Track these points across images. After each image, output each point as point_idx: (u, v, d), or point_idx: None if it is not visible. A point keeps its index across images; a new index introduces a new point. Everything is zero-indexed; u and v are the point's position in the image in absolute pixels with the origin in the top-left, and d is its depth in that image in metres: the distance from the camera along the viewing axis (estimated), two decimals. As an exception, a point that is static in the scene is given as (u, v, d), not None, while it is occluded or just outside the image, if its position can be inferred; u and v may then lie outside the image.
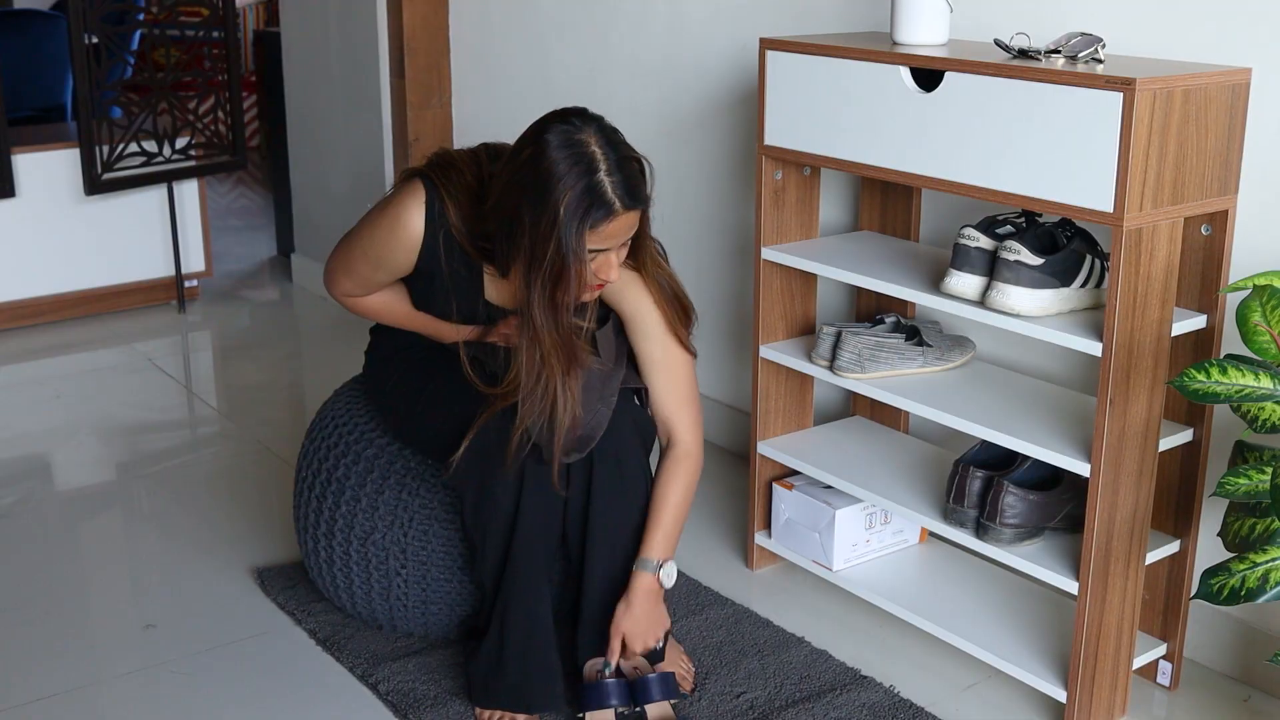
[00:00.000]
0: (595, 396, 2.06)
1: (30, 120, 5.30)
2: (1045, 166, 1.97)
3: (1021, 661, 2.20)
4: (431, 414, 2.20)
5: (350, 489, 2.33)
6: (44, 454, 3.34)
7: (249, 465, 3.20)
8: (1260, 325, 1.71)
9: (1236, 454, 1.90)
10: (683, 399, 2.20)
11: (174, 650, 2.39)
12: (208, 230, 4.61)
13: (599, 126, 1.94)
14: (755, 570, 2.68)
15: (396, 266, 2.14)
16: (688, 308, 2.17)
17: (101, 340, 4.17)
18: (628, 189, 1.91)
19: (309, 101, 4.53)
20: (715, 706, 2.19)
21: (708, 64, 3.11)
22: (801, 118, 2.36)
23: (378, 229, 2.12)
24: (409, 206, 2.07)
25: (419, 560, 2.28)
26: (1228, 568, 1.72)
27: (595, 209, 1.88)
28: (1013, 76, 1.99)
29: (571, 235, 1.87)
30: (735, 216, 3.14)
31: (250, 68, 7.00)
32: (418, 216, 2.07)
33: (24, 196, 4.15)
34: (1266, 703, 2.22)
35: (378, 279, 2.19)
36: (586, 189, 1.88)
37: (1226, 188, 2.03)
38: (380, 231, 2.12)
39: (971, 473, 2.21)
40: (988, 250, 2.14)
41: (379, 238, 2.12)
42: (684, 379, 2.20)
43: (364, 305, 2.26)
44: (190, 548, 2.77)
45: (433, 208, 2.06)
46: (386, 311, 2.26)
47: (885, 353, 2.36)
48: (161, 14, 4.36)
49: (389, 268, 2.15)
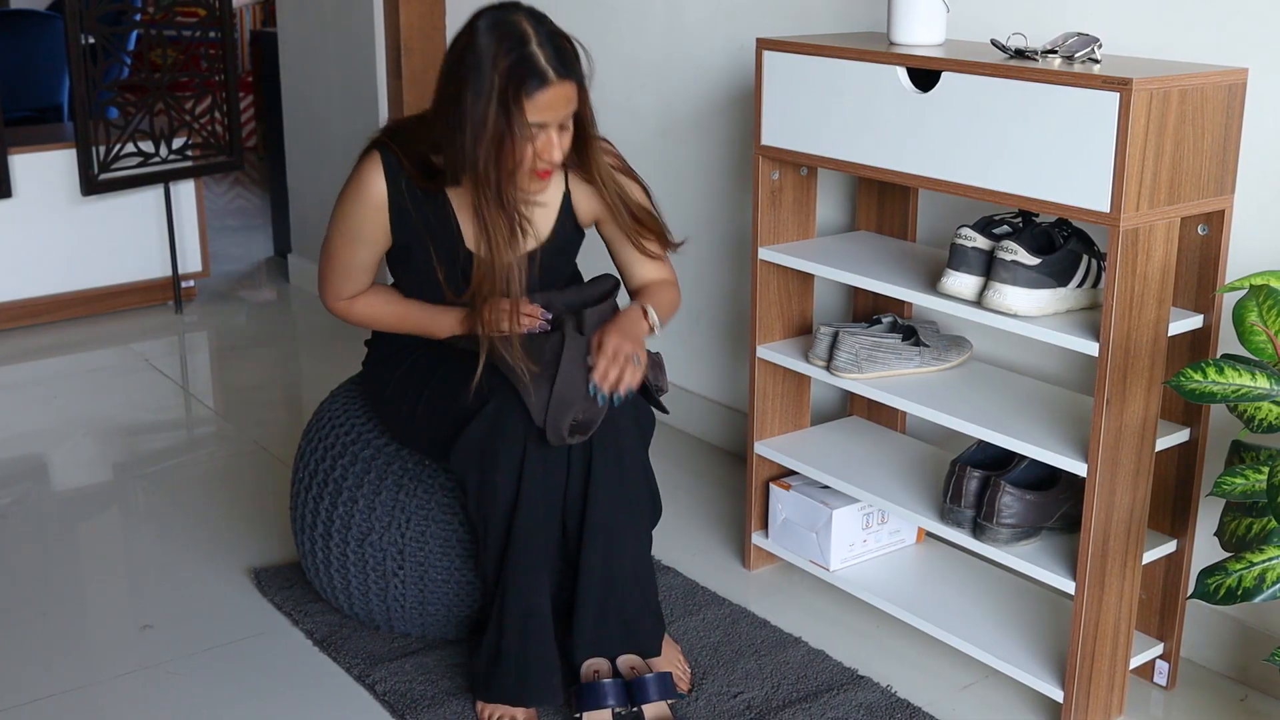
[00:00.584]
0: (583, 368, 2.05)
1: (27, 120, 5.30)
2: (1042, 166, 1.97)
3: (1018, 661, 2.20)
4: (430, 414, 2.21)
5: (348, 489, 2.33)
6: (40, 454, 3.34)
7: (246, 466, 3.20)
8: (1257, 325, 1.71)
9: (1233, 454, 1.90)
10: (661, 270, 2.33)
11: (171, 651, 2.38)
12: (204, 231, 4.61)
13: (528, 11, 2.05)
14: (752, 570, 2.68)
15: (373, 237, 2.19)
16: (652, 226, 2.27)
17: (98, 341, 4.17)
18: (560, 60, 2.01)
19: (306, 102, 4.53)
20: (712, 706, 2.19)
21: (705, 64, 3.12)
22: (798, 118, 2.36)
23: (345, 203, 2.20)
24: (366, 170, 2.16)
25: (416, 560, 2.28)
26: (1224, 567, 1.72)
27: (530, 78, 1.98)
28: (1009, 76, 1.99)
29: (509, 104, 1.97)
30: (732, 216, 3.14)
31: (247, 68, 7.00)
32: (377, 175, 2.15)
33: (21, 197, 4.15)
34: (1263, 702, 2.23)
35: (360, 259, 2.22)
36: (519, 60, 1.98)
37: (1223, 188, 2.03)
38: (347, 204, 2.19)
39: (968, 473, 2.21)
40: (984, 250, 2.14)
41: (348, 210, 2.19)
42: (662, 268, 2.33)
43: (359, 311, 2.28)
44: (187, 548, 2.77)
45: (389, 164, 2.15)
46: (380, 314, 2.27)
47: (882, 353, 2.36)
48: (158, 14, 4.36)
49: (366, 239, 2.19)
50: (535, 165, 2.05)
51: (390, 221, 2.18)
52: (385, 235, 2.20)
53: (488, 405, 2.07)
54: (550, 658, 2.14)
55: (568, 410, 2.02)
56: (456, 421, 2.12)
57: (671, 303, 2.32)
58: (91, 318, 4.37)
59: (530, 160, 2.04)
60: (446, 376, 2.20)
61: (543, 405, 2.02)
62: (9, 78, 5.32)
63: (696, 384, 3.35)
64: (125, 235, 4.39)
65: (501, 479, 2.07)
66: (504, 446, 2.05)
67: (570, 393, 2.02)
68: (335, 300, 2.28)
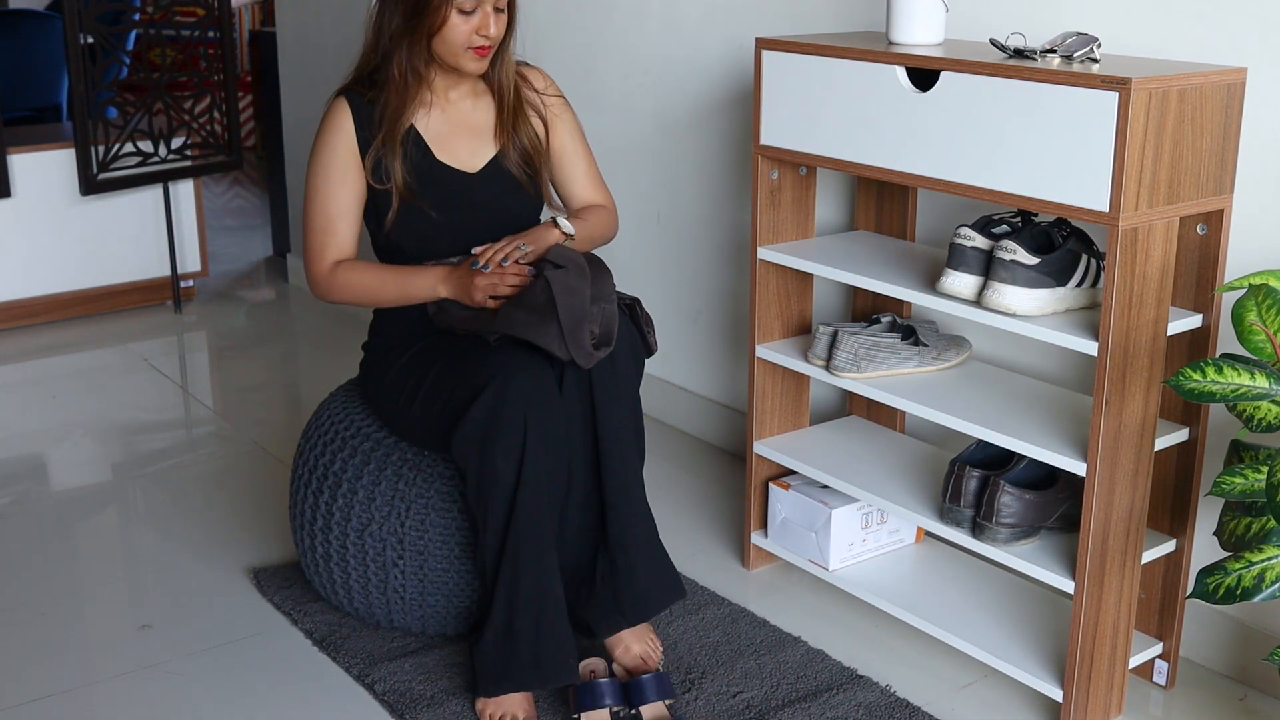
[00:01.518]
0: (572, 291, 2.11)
1: (26, 120, 5.30)
2: (1041, 166, 1.97)
3: (1017, 661, 2.20)
4: (427, 406, 2.22)
5: (347, 481, 2.33)
6: (39, 454, 3.33)
7: (245, 465, 3.20)
8: (1255, 324, 1.71)
9: (1232, 453, 1.90)
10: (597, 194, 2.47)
11: (169, 651, 2.38)
12: (203, 230, 4.61)
13: None
14: (751, 570, 2.68)
15: (347, 174, 2.29)
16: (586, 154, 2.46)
17: (97, 340, 4.17)
18: None
19: (305, 101, 4.53)
20: (711, 706, 2.19)
21: (703, 64, 3.12)
22: (797, 117, 2.36)
23: (316, 147, 2.32)
24: (333, 109, 2.32)
25: (416, 550, 2.28)
26: (1224, 567, 1.72)
27: None
28: (1008, 76, 1.99)
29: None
30: (731, 216, 3.14)
31: (246, 68, 7.00)
32: (342, 109, 2.31)
33: (20, 197, 4.15)
34: (1262, 701, 2.23)
35: (339, 203, 2.30)
36: None
37: (1222, 187, 2.03)
38: (319, 146, 2.31)
39: (968, 472, 2.21)
40: (983, 250, 2.14)
41: (320, 151, 2.31)
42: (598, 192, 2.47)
43: (341, 281, 2.31)
44: (186, 548, 2.77)
45: (351, 97, 2.31)
46: (361, 278, 2.31)
47: (881, 352, 2.36)
48: (157, 14, 4.36)
49: (341, 177, 2.29)
50: (472, 41, 2.21)
51: (362, 156, 2.28)
52: (358, 172, 2.29)
53: (485, 390, 2.09)
54: (566, 636, 2.14)
55: (581, 328, 2.08)
56: (455, 410, 2.14)
57: (599, 222, 2.43)
58: (91, 318, 4.37)
59: (468, 37, 2.21)
60: (442, 369, 2.21)
61: (558, 336, 2.08)
62: (8, 77, 5.33)
63: (696, 384, 3.35)
64: (124, 235, 4.39)
65: (502, 462, 2.08)
66: (504, 428, 2.07)
67: (575, 314, 2.08)
68: (319, 266, 2.31)
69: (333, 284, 2.31)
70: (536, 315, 2.09)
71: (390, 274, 2.30)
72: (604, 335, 2.11)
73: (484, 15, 2.21)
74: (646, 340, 2.25)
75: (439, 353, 2.26)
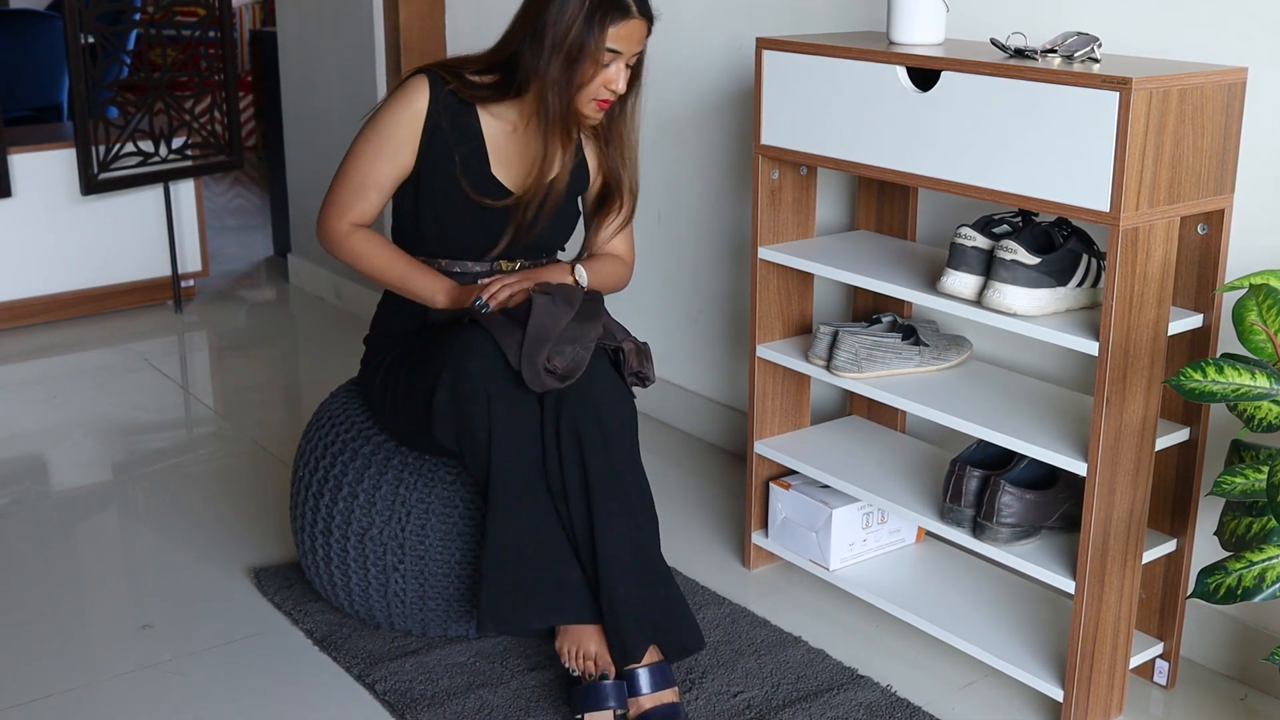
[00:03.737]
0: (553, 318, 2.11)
1: (26, 120, 5.30)
2: (1041, 166, 1.97)
3: (1018, 661, 2.20)
4: (407, 403, 2.26)
5: (348, 484, 2.33)
6: (40, 454, 3.33)
7: (245, 465, 3.20)
8: (1256, 324, 1.71)
9: (1233, 453, 1.90)
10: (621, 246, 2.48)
11: (170, 650, 2.38)
12: (204, 230, 4.61)
13: None
14: (752, 570, 2.68)
15: (400, 149, 2.27)
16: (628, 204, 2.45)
17: (98, 340, 4.17)
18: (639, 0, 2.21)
19: (305, 101, 4.53)
20: (712, 706, 2.19)
21: (704, 63, 3.11)
22: (798, 117, 2.36)
23: (382, 113, 2.29)
24: (412, 85, 2.28)
25: (416, 554, 2.29)
26: (1224, 567, 1.72)
27: (614, 8, 2.17)
28: (1009, 76, 1.99)
29: (594, 24, 2.16)
30: (731, 216, 3.14)
31: (246, 67, 7.00)
32: (422, 91, 2.27)
33: (20, 196, 4.15)
34: (1263, 701, 2.23)
35: (379, 173, 2.28)
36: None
37: (1222, 187, 2.03)
38: (385, 113, 2.28)
39: (968, 472, 2.21)
40: (984, 250, 2.14)
41: (384, 118, 2.28)
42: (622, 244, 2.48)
43: (354, 244, 2.31)
44: (186, 548, 2.77)
45: (434, 85, 2.27)
46: (373, 251, 2.31)
47: (882, 352, 2.36)
48: (157, 14, 4.36)
49: (393, 151, 2.27)
50: (599, 94, 2.22)
51: (421, 140, 2.26)
52: (411, 153, 2.27)
53: (441, 377, 2.12)
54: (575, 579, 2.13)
55: (540, 348, 2.09)
56: (424, 404, 2.17)
57: (613, 274, 2.43)
58: (91, 317, 4.37)
59: (596, 88, 2.21)
60: (408, 372, 2.26)
61: (517, 344, 2.10)
62: (8, 77, 5.33)
63: (696, 383, 3.35)
64: (125, 235, 4.39)
65: (478, 424, 2.10)
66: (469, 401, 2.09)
67: (541, 334, 2.10)
68: (337, 221, 2.31)
69: (345, 244, 2.32)
70: (510, 321, 2.13)
71: (401, 262, 2.31)
72: (564, 373, 2.11)
73: (618, 68, 2.22)
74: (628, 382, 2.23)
75: (405, 356, 2.30)
